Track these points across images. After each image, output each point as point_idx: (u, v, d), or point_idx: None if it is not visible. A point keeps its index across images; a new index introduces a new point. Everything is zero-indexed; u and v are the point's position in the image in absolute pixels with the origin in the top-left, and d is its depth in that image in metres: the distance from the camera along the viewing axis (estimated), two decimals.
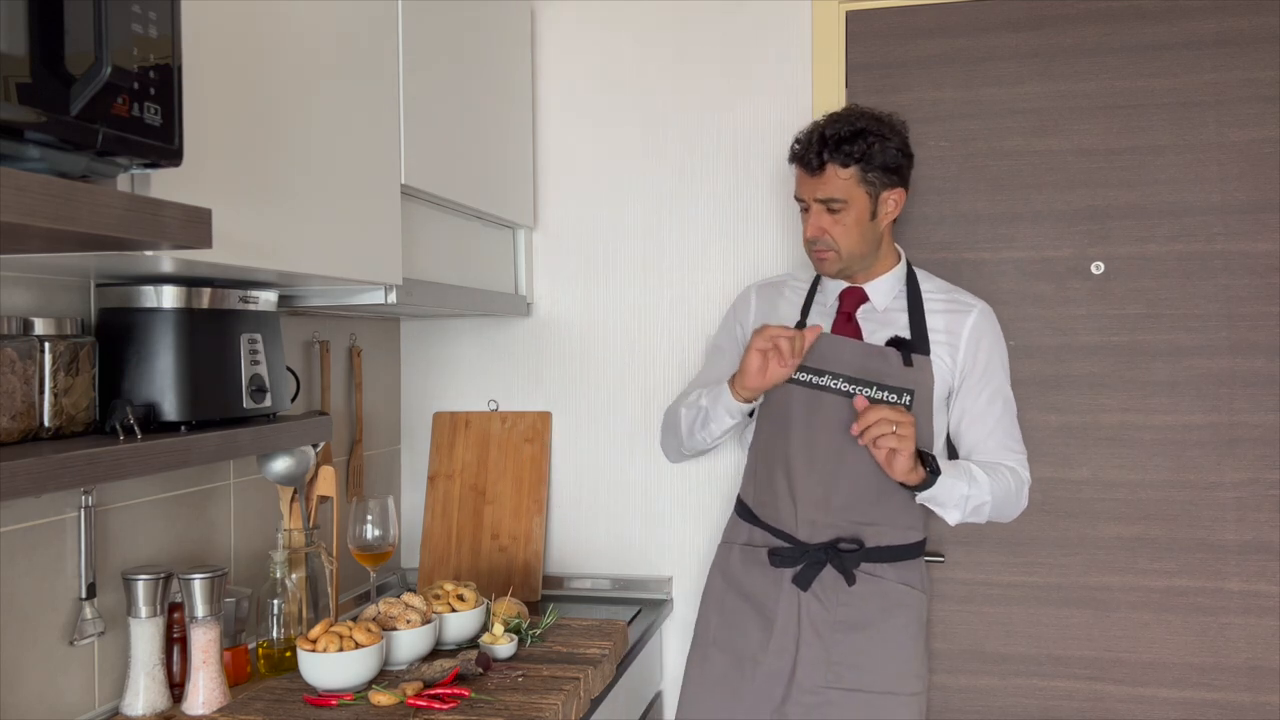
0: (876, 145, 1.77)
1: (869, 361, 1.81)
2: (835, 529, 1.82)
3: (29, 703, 1.42)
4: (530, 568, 2.32)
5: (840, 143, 1.77)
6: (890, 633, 1.82)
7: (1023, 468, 1.87)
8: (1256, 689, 2.09)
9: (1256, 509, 2.10)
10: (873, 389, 1.79)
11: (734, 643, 1.88)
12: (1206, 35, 2.11)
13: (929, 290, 1.90)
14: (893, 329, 1.85)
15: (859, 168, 1.77)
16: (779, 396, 1.86)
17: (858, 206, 1.79)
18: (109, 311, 1.42)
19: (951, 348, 1.85)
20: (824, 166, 1.78)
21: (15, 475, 1.04)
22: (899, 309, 1.88)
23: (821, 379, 1.82)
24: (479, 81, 2.07)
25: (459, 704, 1.56)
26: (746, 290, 2.05)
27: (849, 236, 1.80)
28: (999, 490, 1.79)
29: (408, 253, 1.78)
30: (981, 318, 1.89)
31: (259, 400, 1.50)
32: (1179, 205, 2.13)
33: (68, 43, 0.91)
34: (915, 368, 1.80)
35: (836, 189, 1.78)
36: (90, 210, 0.93)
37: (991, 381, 1.87)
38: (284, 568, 1.75)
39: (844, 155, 1.76)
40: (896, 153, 1.80)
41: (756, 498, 1.92)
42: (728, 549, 1.97)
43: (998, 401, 1.87)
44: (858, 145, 1.76)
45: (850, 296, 1.89)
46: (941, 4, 2.22)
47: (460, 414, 2.46)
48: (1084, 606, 2.16)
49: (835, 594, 1.82)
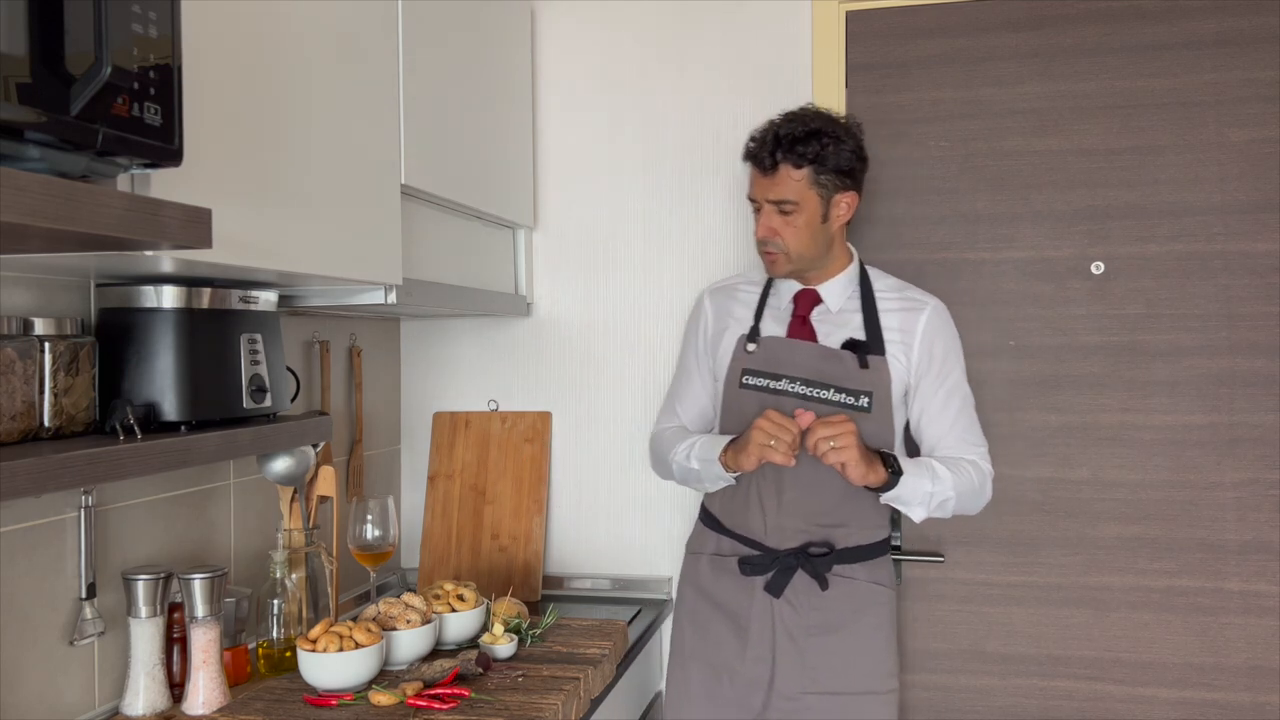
0: (831, 147, 1.75)
1: (825, 364, 1.81)
2: (804, 534, 1.82)
3: (29, 703, 1.42)
4: (530, 568, 2.32)
5: (795, 143, 1.75)
6: (864, 632, 1.83)
7: (984, 460, 1.87)
8: (1256, 689, 2.09)
9: (1256, 509, 2.10)
10: (830, 391, 1.79)
11: (710, 654, 1.88)
12: (1206, 35, 2.11)
13: (882, 289, 1.89)
14: (847, 330, 1.85)
15: (812, 169, 1.75)
16: (737, 405, 1.85)
17: (809, 209, 1.77)
18: (109, 311, 1.42)
19: (906, 346, 1.84)
20: (777, 167, 1.76)
21: (15, 475, 1.04)
22: (853, 309, 1.87)
23: (779, 383, 1.82)
24: (479, 81, 2.07)
25: (459, 704, 1.56)
26: (700, 297, 2.03)
27: (799, 239, 1.79)
28: (962, 485, 1.80)
29: (408, 253, 1.78)
30: (934, 315, 1.87)
31: (259, 400, 1.50)
32: (1179, 205, 2.13)
33: (68, 43, 0.91)
34: (871, 369, 1.81)
35: (789, 190, 1.76)
36: (90, 210, 0.93)
37: (948, 378, 1.86)
38: (284, 568, 1.75)
39: (798, 156, 1.74)
40: (851, 155, 1.78)
41: (723, 506, 1.90)
42: (695, 559, 1.95)
43: (955, 397, 1.87)
44: (812, 146, 1.74)
45: (804, 299, 1.88)
46: (941, 4, 2.22)
47: (460, 414, 2.46)
48: (1084, 606, 2.16)
49: (808, 598, 1.82)
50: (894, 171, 2.25)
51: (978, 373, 2.21)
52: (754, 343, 1.86)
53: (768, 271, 1.88)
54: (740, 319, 1.92)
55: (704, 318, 1.99)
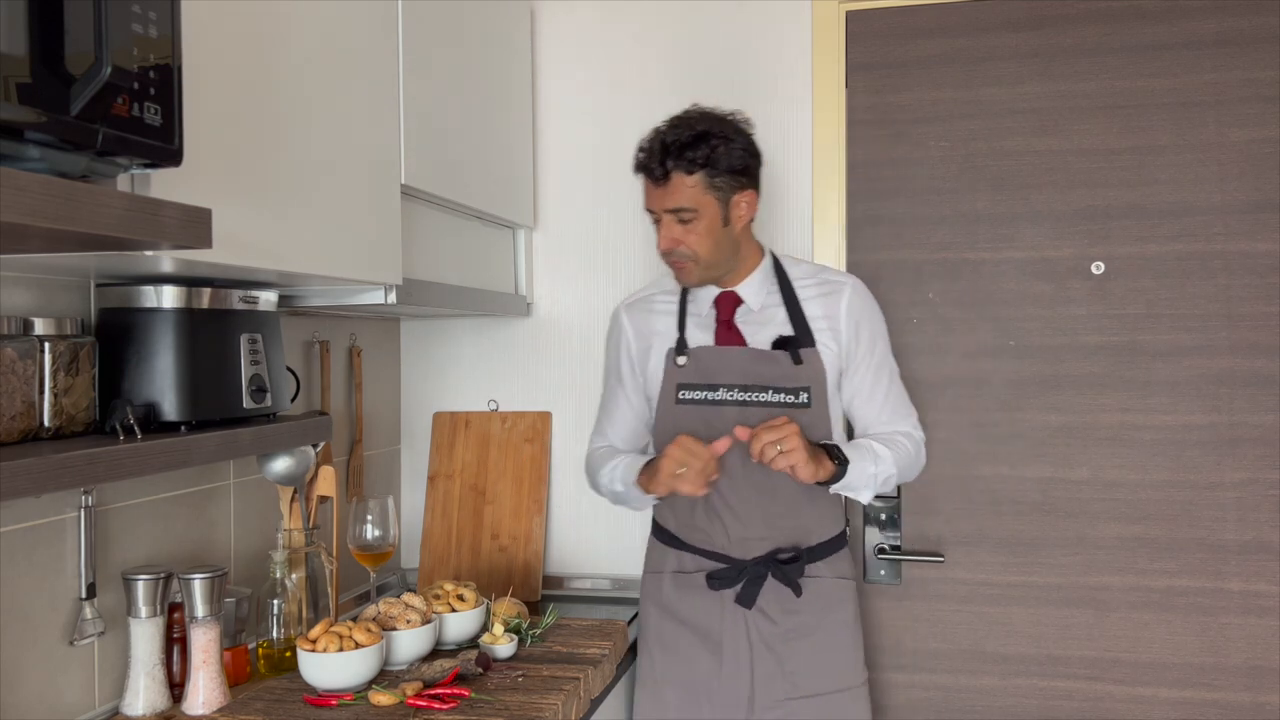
0: (721, 148, 1.70)
1: (759, 367, 1.79)
2: (770, 540, 1.81)
3: (29, 703, 1.42)
4: (530, 568, 2.32)
5: (683, 149, 1.69)
6: (835, 629, 1.83)
7: (916, 429, 1.89)
8: (1256, 689, 2.09)
9: (1256, 509, 2.10)
10: (768, 393, 1.78)
11: (684, 675, 1.84)
12: (1206, 35, 2.11)
13: (798, 276, 1.87)
14: (773, 327, 1.83)
15: (705, 173, 1.70)
16: (675, 421, 1.82)
17: (709, 214, 1.73)
18: (109, 311, 1.42)
19: (833, 331, 1.83)
20: (669, 175, 1.71)
21: (15, 475, 1.04)
22: (775, 304, 1.84)
23: (716, 393, 1.80)
24: (479, 81, 2.07)
25: (459, 704, 1.56)
26: (615, 313, 1.97)
27: (704, 245, 1.74)
28: (901, 459, 1.81)
29: (408, 253, 1.78)
30: (854, 293, 1.85)
31: (259, 400, 1.50)
32: (1179, 205, 2.13)
33: (68, 43, 0.91)
34: (805, 364, 1.79)
35: (685, 198, 1.71)
36: (90, 210, 0.93)
37: (875, 355, 1.86)
38: (284, 568, 1.75)
39: (688, 162, 1.69)
40: (742, 153, 1.73)
41: (679, 523, 1.87)
42: (656, 579, 1.90)
43: (884, 374, 1.87)
44: (701, 150, 1.69)
45: (724, 302, 1.84)
46: (941, 4, 2.22)
47: (460, 414, 2.46)
48: (1084, 606, 2.16)
49: (779, 605, 1.81)
50: (894, 171, 2.25)
51: (978, 373, 2.22)
52: (683, 355, 1.82)
53: (679, 281, 1.83)
54: (663, 333, 1.88)
55: (624, 336, 1.93)
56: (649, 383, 1.89)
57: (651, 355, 1.88)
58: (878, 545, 2.26)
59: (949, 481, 2.23)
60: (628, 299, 1.99)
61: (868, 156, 2.27)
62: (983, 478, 2.21)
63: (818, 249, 2.26)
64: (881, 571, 2.26)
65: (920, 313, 2.24)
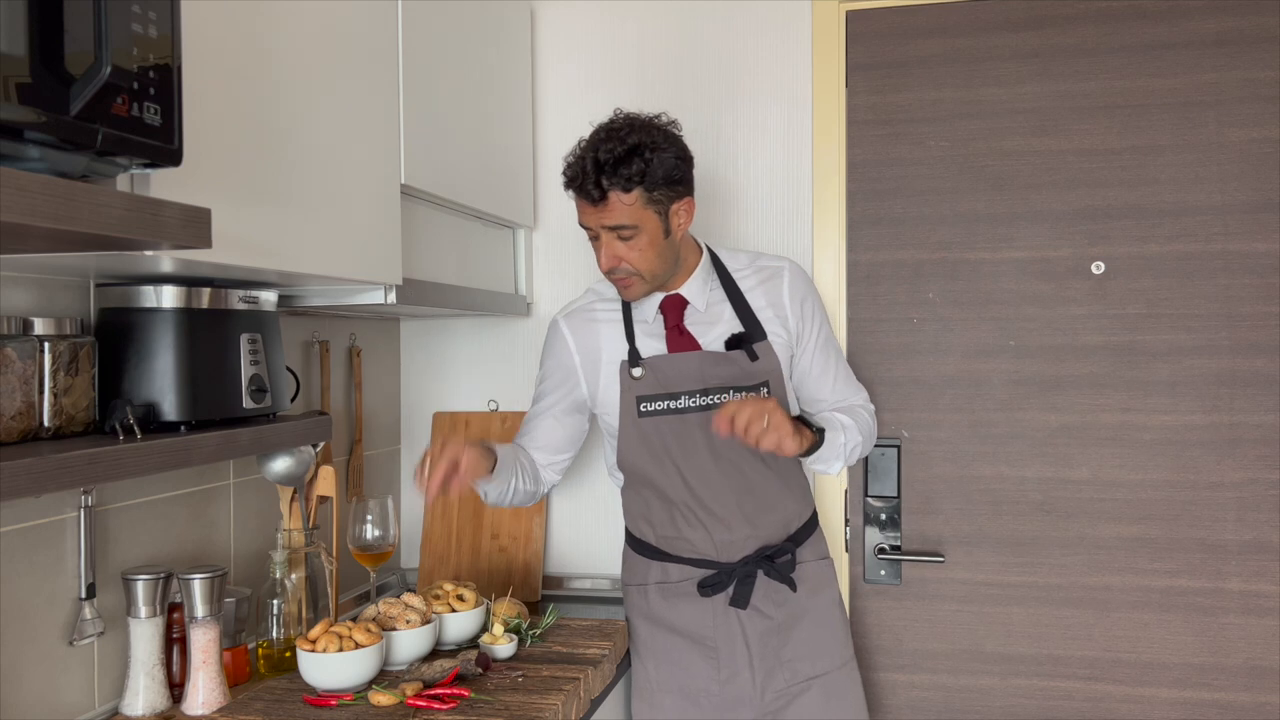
0: (654, 159, 1.64)
1: (716, 369, 1.78)
2: (755, 539, 1.81)
3: (29, 703, 1.42)
4: (530, 568, 2.32)
5: (617, 165, 1.63)
6: (825, 609, 1.87)
7: (867, 401, 1.93)
8: (1256, 689, 2.09)
9: (1256, 509, 2.09)
10: (729, 394, 1.76)
11: (682, 682, 1.84)
12: (1206, 35, 2.11)
13: (737, 268, 1.86)
14: (722, 324, 1.81)
15: (642, 190, 1.65)
16: (639, 435, 1.79)
17: (650, 228, 1.68)
18: (109, 311, 1.42)
19: (781, 318, 1.83)
20: (606, 195, 1.65)
21: (15, 475, 1.04)
22: (719, 300, 1.83)
23: (678, 401, 1.78)
24: (479, 81, 2.07)
25: (459, 704, 1.56)
26: (554, 323, 1.90)
27: (647, 260, 1.70)
28: (864, 429, 1.84)
29: (408, 253, 1.77)
30: (793, 276, 1.86)
31: (259, 400, 1.50)
32: (1179, 205, 2.13)
33: (67, 43, 0.91)
34: (761, 358, 1.79)
35: (624, 215, 1.66)
36: (91, 210, 0.93)
37: (821, 334, 1.88)
38: (284, 568, 1.75)
39: (624, 180, 1.63)
40: (676, 161, 1.67)
41: (660, 534, 1.85)
42: (641, 591, 1.89)
43: (831, 350, 1.89)
44: (636, 165, 1.63)
45: (670, 307, 1.81)
46: (941, 4, 2.22)
47: (460, 414, 2.46)
48: (1084, 606, 2.16)
49: (770, 598, 1.82)
50: (894, 171, 2.25)
51: (978, 373, 2.22)
52: (638, 367, 1.78)
53: (625, 298, 1.80)
54: (610, 345, 1.83)
55: (565, 348, 1.87)
56: (601, 399, 1.84)
57: (602, 370, 1.83)
58: (878, 545, 2.26)
59: (949, 481, 2.23)
60: (564, 309, 1.92)
61: (868, 156, 2.27)
62: (983, 478, 2.21)
63: (818, 249, 2.26)
64: (881, 571, 2.26)
65: (920, 313, 2.24)
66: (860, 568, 2.27)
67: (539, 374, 1.95)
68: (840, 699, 1.85)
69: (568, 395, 1.88)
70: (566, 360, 1.87)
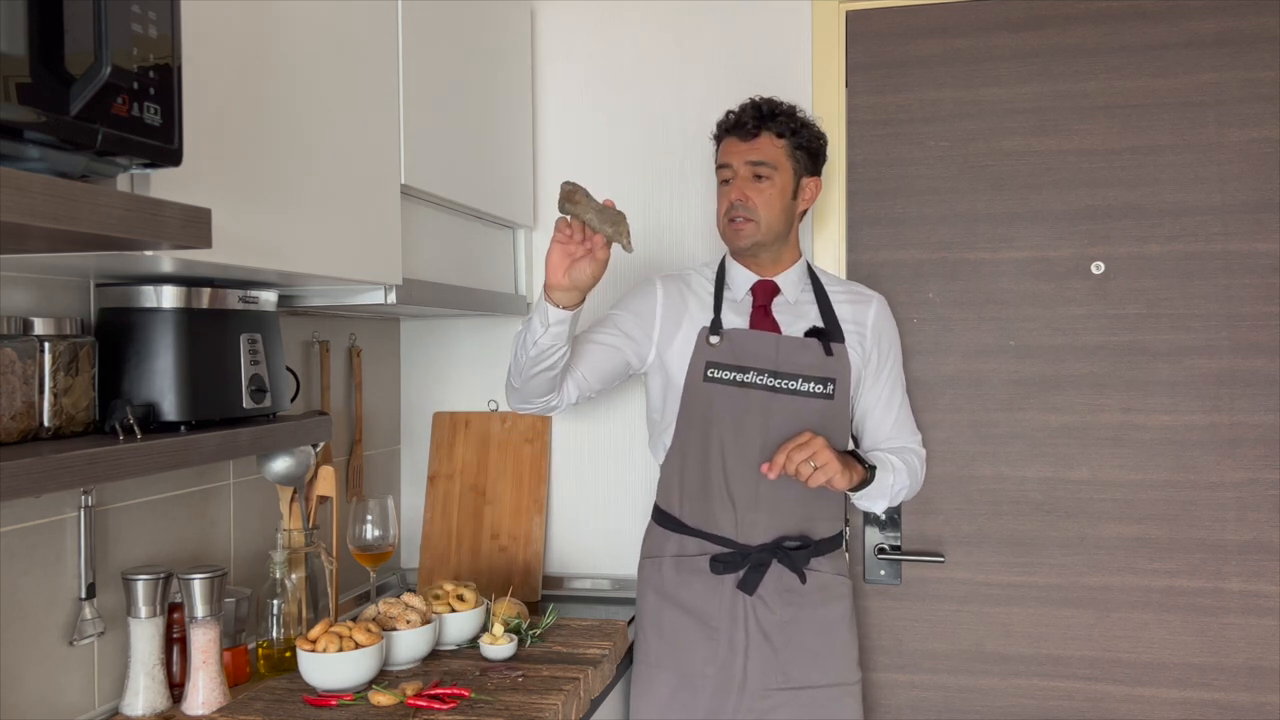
0: (805, 128, 1.84)
1: (791, 354, 1.83)
2: (776, 528, 1.83)
3: (29, 703, 1.42)
4: (530, 568, 2.32)
5: (776, 114, 1.82)
6: (831, 623, 1.85)
7: (920, 445, 1.97)
8: (1256, 689, 2.09)
9: (1256, 509, 2.09)
10: (797, 381, 1.82)
11: (680, 660, 1.85)
12: (1206, 35, 2.11)
13: (829, 283, 1.95)
14: (807, 320, 1.88)
15: (790, 141, 1.82)
16: (701, 399, 1.83)
17: (784, 177, 1.82)
18: (109, 311, 1.42)
19: (860, 336, 1.89)
20: (759, 133, 1.82)
21: (15, 475, 1.04)
22: (808, 301, 1.90)
23: (746, 375, 1.82)
24: (479, 81, 2.07)
25: (459, 704, 1.56)
26: (650, 279, 1.96)
27: (771, 207, 1.81)
28: (912, 473, 1.88)
29: (408, 253, 1.77)
30: (881, 307, 1.95)
31: (259, 400, 1.50)
32: (1179, 205, 2.13)
33: (68, 43, 0.91)
34: (835, 356, 1.84)
35: (769, 154, 1.81)
36: (91, 210, 0.93)
37: (894, 370, 1.94)
38: (284, 568, 1.75)
39: (780, 125, 1.82)
40: (819, 142, 1.87)
41: (685, 505, 1.87)
42: (656, 563, 1.90)
43: (898, 389, 1.95)
44: (793, 120, 1.83)
45: (762, 290, 1.89)
46: (941, 4, 2.22)
47: (460, 414, 2.46)
48: (1084, 606, 2.16)
49: (780, 594, 1.82)
50: (894, 171, 2.25)
51: (978, 373, 2.22)
52: (717, 335, 1.84)
53: (732, 242, 1.85)
54: (696, 311, 1.88)
55: (654, 299, 1.90)
56: (670, 359, 1.87)
57: (680, 330, 1.88)
58: (878, 545, 2.26)
59: (949, 481, 2.23)
60: (664, 274, 1.98)
61: (868, 156, 2.27)
62: (983, 478, 2.22)
63: (818, 249, 2.26)
64: (881, 571, 2.26)
65: (920, 313, 2.24)
66: (860, 568, 2.27)
67: (612, 311, 1.94)
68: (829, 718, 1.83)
69: (630, 341, 1.89)
70: (648, 312, 1.90)
